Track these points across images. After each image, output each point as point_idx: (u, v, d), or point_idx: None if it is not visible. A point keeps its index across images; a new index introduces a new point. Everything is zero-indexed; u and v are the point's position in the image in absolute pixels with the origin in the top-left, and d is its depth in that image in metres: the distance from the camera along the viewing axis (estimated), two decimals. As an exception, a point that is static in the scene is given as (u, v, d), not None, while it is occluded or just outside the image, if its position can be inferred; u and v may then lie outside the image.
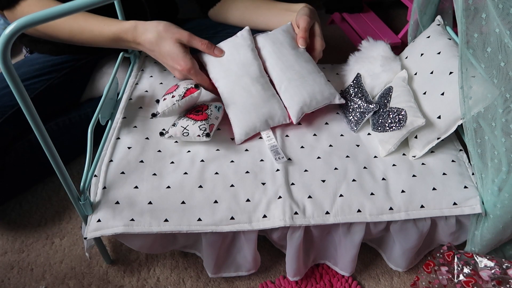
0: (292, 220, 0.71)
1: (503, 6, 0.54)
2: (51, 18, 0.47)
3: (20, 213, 0.97)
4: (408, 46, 0.94)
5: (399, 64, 0.88)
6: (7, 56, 0.47)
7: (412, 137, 0.80)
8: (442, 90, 0.77)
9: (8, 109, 0.90)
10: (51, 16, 0.46)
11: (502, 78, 0.60)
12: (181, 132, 0.79)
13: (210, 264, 0.79)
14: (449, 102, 0.76)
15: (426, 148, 0.79)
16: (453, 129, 0.76)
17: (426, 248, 0.84)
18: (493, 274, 0.73)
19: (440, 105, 0.77)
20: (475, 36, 0.63)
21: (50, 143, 0.58)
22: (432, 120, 0.77)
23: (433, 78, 0.80)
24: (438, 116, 0.77)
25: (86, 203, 0.70)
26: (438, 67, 0.80)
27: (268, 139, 0.82)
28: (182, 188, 0.74)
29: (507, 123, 0.61)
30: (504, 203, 0.68)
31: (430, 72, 0.81)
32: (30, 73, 0.97)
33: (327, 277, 0.84)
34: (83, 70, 1.06)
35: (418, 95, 0.82)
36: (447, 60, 0.80)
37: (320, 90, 0.83)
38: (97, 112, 0.80)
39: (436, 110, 0.77)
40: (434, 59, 0.82)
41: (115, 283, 0.84)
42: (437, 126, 0.77)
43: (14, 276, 0.85)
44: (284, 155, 0.79)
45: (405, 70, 0.87)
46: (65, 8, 0.47)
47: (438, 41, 0.84)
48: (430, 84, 0.80)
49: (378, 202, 0.73)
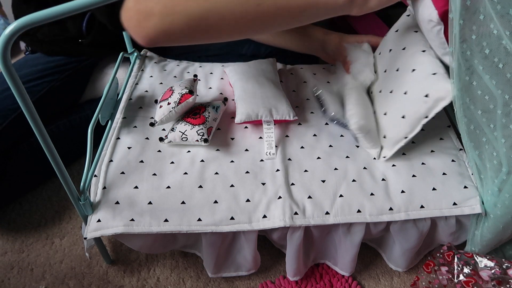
0: (292, 220, 0.71)
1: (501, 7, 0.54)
2: (51, 18, 0.47)
3: (20, 213, 0.97)
4: (381, 42, 0.92)
5: (371, 79, 0.87)
6: (7, 56, 0.47)
7: (382, 137, 0.80)
8: (406, 89, 0.75)
9: (11, 112, 0.90)
10: (52, 16, 0.46)
11: (501, 79, 0.60)
12: (180, 137, 0.79)
13: (210, 264, 0.79)
14: (412, 101, 0.74)
15: (395, 147, 0.78)
16: (419, 128, 0.74)
17: (426, 248, 0.84)
18: (493, 274, 0.73)
19: (404, 104, 0.75)
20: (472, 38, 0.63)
21: (51, 145, 0.58)
22: (397, 120, 0.76)
23: (399, 75, 0.78)
24: (402, 116, 0.75)
25: (86, 203, 0.70)
26: (403, 64, 0.78)
27: (267, 129, 0.83)
28: (182, 188, 0.74)
29: (506, 124, 0.61)
30: (505, 203, 0.68)
31: (396, 70, 0.79)
32: (33, 74, 0.97)
33: (327, 277, 0.84)
34: (84, 71, 1.06)
35: (385, 94, 0.81)
36: (411, 56, 0.78)
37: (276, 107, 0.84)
38: (97, 112, 0.80)
39: (400, 109, 0.76)
40: (400, 56, 0.80)
41: (115, 283, 0.84)
42: (402, 126, 0.76)
43: (14, 276, 0.85)
44: (275, 153, 0.79)
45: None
46: (65, 8, 0.47)
47: (404, 35, 0.82)
48: (395, 83, 0.79)
49: (378, 202, 0.73)
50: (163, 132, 0.84)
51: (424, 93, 0.72)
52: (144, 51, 1.06)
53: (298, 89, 0.97)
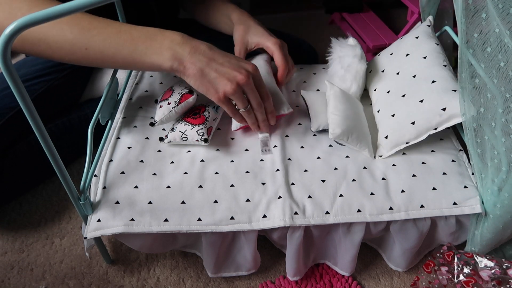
0: (292, 220, 0.71)
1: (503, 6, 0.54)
2: (51, 18, 0.46)
3: (20, 213, 0.97)
4: (396, 42, 0.93)
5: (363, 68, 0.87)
6: (7, 56, 0.47)
7: (382, 137, 0.80)
8: (422, 97, 0.77)
9: (8, 111, 0.90)
10: (52, 16, 0.46)
11: (502, 78, 0.60)
12: (180, 137, 0.79)
13: (210, 264, 0.79)
14: (426, 111, 0.76)
15: (394, 150, 0.79)
16: (424, 137, 0.77)
17: (426, 248, 0.84)
18: (493, 274, 0.73)
19: (416, 112, 0.77)
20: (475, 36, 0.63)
21: (51, 144, 0.58)
22: (405, 124, 0.77)
23: (415, 82, 0.80)
24: (412, 122, 0.77)
25: (86, 203, 0.70)
26: (421, 72, 0.80)
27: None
28: (182, 188, 0.74)
29: (507, 123, 0.61)
30: (504, 203, 0.68)
31: (413, 76, 0.81)
32: (31, 73, 0.97)
33: (327, 277, 0.84)
34: (84, 71, 1.06)
35: (396, 96, 0.82)
36: (432, 67, 0.79)
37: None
38: (97, 112, 0.80)
39: (411, 115, 0.77)
40: (419, 63, 0.82)
41: (115, 283, 0.84)
42: (409, 131, 0.77)
43: (14, 276, 0.85)
44: (271, 149, 0.79)
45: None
46: (65, 8, 0.47)
47: (425, 44, 0.84)
48: (410, 88, 0.80)
49: (378, 202, 0.73)
50: (163, 132, 0.84)
51: (441, 107, 0.74)
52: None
53: (298, 89, 0.97)
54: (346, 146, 0.81)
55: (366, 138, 0.80)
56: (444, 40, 0.96)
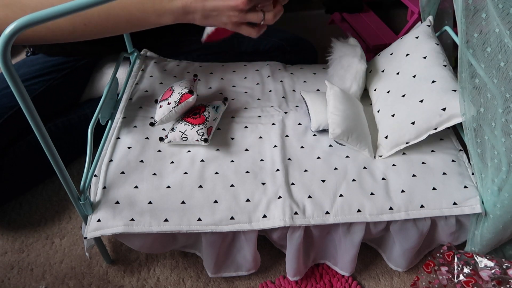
0: (292, 220, 0.71)
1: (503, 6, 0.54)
2: (51, 18, 0.46)
3: (20, 213, 0.97)
4: (396, 42, 0.93)
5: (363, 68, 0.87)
6: (7, 56, 0.47)
7: (382, 137, 0.80)
8: (422, 97, 0.77)
9: (7, 110, 0.90)
10: (51, 16, 0.46)
11: (502, 78, 0.60)
12: (180, 137, 0.79)
13: (210, 264, 0.79)
14: (426, 111, 0.76)
15: (394, 150, 0.79)
16: (424, 137, 0.77)
17: (426, 248, 0.84)
18: (493, 274, 0.73)
19: (416, 112, 0.77)
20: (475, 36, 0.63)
21: (50, 143, 0.58)
22: (405, 124, 0.77)
23: (415, 82, 0.80)
24: (412, 122, 0.77)
25: (86, 203, 0.70)
26: (421, 72, 0.80)
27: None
28: (182, 188, 0.74)
29: (507, 123, 0.61)
30: (504, 203, 0.68)
31: (413, 76, 0.81)
32: (30, 73, 0.97)
33: (327, 277, 0.84)
34: (83, 71, 1.06)
35: (396, 96, 0.82)
36: (431, 67, 0.79)
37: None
38: (97, 112, 0.80)
39: (411, 115, 0.77)
40: (419, 63, 0.82)
41: (115, 283, 0.84)
42: (409, 131, 0.77)
43: (14, 276, 0.85)
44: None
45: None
46: (65, 8, 0.47)
47: (425, 44, 0.84)
48: (410, 88, 0.80)
49: (378, 202, 0.73)
50: (163, 132, 0.84)
51: (441, 107, 0.74)
52: (144, 51, 1.06)
53: (298, 89, 0.97)
54: (346, 146, 0.81)
55: (366, 138, 0.80)
56: (444, 40, 0.96)
